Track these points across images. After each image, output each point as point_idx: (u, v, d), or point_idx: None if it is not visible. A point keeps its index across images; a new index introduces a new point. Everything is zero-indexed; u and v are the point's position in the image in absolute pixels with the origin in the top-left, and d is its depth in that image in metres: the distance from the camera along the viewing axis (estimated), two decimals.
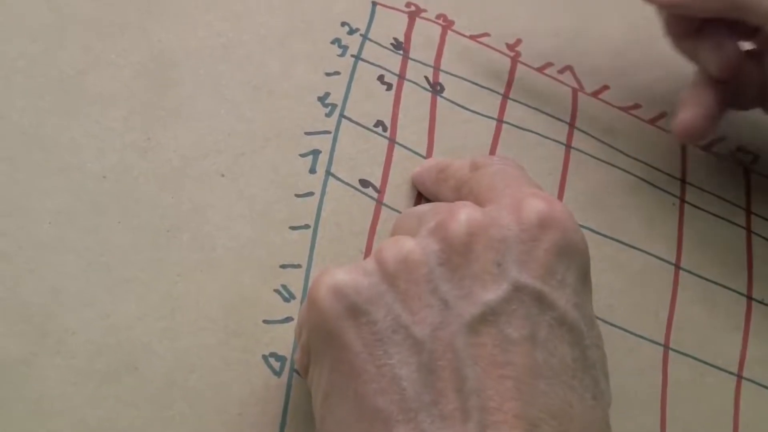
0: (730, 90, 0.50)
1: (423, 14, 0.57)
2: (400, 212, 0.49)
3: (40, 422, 0.41)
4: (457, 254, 0.37)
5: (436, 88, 0.54)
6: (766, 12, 0.45)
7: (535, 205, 0.38)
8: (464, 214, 0.38)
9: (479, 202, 0.41)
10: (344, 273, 0.38)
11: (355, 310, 0.37)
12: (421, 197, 0.49)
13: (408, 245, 0.38)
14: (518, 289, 0.36)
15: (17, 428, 0.41)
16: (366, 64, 0.54)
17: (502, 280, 0.36)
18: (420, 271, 0.37)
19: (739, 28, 0.49)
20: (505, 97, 0.54)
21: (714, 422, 0.46)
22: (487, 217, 0.38)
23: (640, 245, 0.50)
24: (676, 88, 0.55)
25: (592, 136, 0.53)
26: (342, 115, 0.52)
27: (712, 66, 0.50)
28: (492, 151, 0.52)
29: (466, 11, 0.57)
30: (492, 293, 0.36)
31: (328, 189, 0.49)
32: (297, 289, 0.46)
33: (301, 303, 0.45)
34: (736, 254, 0.50)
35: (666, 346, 0.48)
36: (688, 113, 0.50)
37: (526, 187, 0.41)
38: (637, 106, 0.55)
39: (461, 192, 0.44)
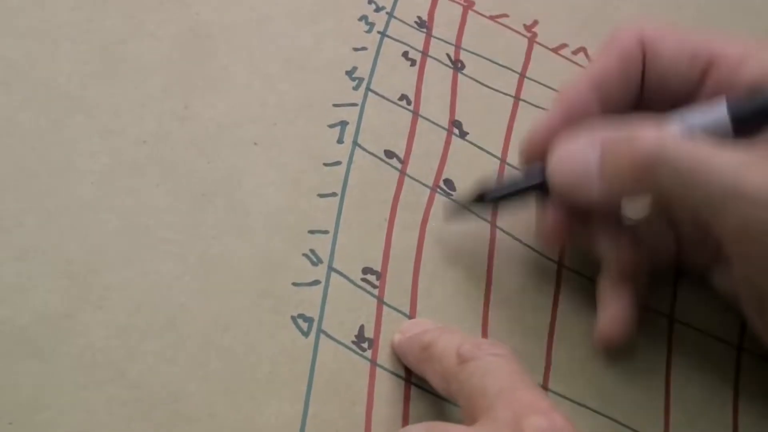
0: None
1: None
2: (423, 184, 0.48)
3: (84, 374, 0.40)
4: None
5: (457, 65, 0.52)
6: (692, 205, 0.38)
7: (537, 424, 0.34)
8: None
9: (471, 408, 0.36)
10: None
11: None
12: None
13: None
14: None
15: (62, 379, 0.40)
16: (391, 40, 0.53)
17: None
18: None
19: None
20: (522, 75, 0.53)
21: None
22: None
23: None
24: None
25: None
26: (368, 89, 0.50)
27: (610, 265, 0.44)
28: (509, 129, 0.50)
29: None
30: None
31: (354, 159, 0.48)
32: (324, 254, 0.45)
33: (328, 267, 0.44)
34: None
35: (671, 318, 0.46)
36: (607, 324, 0.43)
37: (521, 392, 0.36)
38: None
39: (450, 387, 0.38)
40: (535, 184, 0.43)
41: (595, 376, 0.44)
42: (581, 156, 0.41)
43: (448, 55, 0.53)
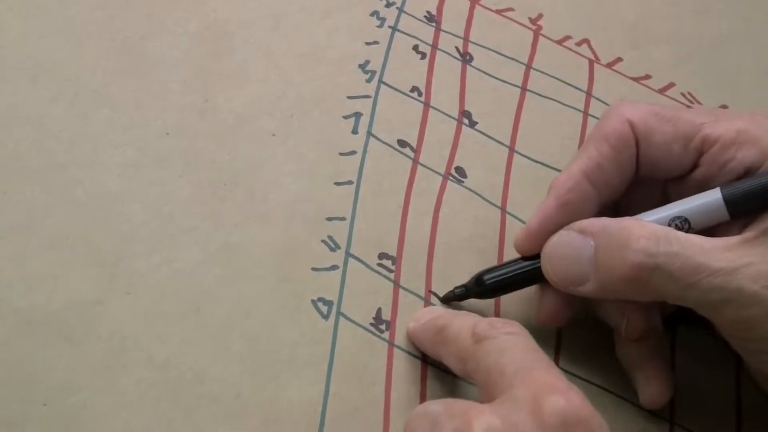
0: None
1: None
2: (435, 171, 0.48)
3: (114, 357, 0.41)
4: None
5: (465, 58, 0.53)
6: (688, 304, 0.38)
7: (556, 404, 0.33)
8: (484, 423, 0.33)
9: (488, 386, 0.36)
10: None
11: None
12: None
13: None
14: None
15: (93, 362, 0.41)
16: (402, 34, 0.53)
17: None
18: None
19: None
20: (529, 67, 0.53)
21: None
22: (506, 424, 0.33)
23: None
24: (684, 60, 0.55)
25: (607, 105, 0.52)
26: (381, 81, 0.51)
27: (624, 332, 0.42)
28: (517, 118, 0.51)
29: None
30: None
31: (369, 148, 0.48)
32: (342, 240, 0.45)
33: (346, 253, 0.45)
34: None
35: None
36: (653, 388, 0.42)
37: (539, 371, 0.35)
38: (647, 77, 0.54)
39: (466, 366, 0.38)
40: (530, 276, 0.43)
41: (603, 355, 0.44)
42: (575, 248, 0.40)
43: (456, 48, 0.53)
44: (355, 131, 0.49)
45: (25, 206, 0.44)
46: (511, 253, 0.44)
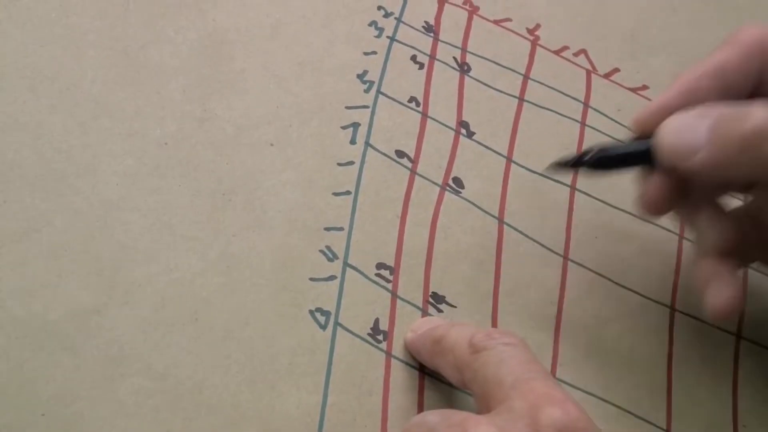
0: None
1: (451, 0, 0.55)
2: (432, 182, 0.48)
3: (112, 366, 0.41)
4: None
5: (463, 68, 0.53)
6: None
7: (552, 415, 0.33)
8: None
9: (485, 396, 0.36)
10: None
11: None
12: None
13: None
14: None
15: (92, 372, 0.40)
16: (400, 44, 0.53)
17: None
18: None
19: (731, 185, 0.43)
20: (526, 77, 0.53)
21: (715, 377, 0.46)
22: None
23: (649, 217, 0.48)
24: (681, 70, 0.54)
25: (604, 115, 0.52)
26: (379, 91, 0.51)
27: (709, 241, 0.42)
28: (514, 129, 0.51)
29: None
30: None
31: (367, 159, 0.48)
32: (339, 250, 0.45)
33: (344, 263, 0.45)
34: None
35: (672, 308, 0.47)
36: (722, 297, 0.41)
37: (536, 382, 0.35)
38: (644, 87, 0.54)
39: (464, 376, 0.38)
40: (641, 151, 0.42)
41: (600, 365, 0.44)
42: (692, 122, 0.39)
43: (454, 58, 0.53)
44: (353, 141, 0.49)
45: (23, 215, 0.44)
46: (508, 265, 0.44)
